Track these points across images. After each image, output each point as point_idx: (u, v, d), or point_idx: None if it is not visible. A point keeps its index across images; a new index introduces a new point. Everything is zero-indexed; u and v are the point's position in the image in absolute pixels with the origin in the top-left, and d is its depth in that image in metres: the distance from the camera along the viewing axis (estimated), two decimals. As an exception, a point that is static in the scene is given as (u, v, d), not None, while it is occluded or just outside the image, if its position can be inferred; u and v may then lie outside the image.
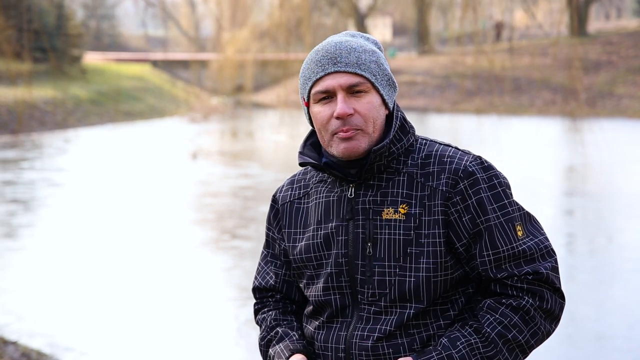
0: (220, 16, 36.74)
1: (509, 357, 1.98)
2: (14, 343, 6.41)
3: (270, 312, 2.19)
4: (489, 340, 1.97)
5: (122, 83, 31.88)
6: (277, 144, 22.24)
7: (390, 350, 1.99)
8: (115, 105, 29.13)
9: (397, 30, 49.67)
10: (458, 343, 1.96)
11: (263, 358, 2.18)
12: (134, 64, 38.32)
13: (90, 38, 41.90)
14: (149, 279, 8.60)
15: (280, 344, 2.10)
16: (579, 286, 8.15)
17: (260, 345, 2.19)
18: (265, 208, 12.20)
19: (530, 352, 2.02)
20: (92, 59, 36.73)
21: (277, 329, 2.15)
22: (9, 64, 13.18)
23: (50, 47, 23.51)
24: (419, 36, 41.17)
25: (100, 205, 12.89)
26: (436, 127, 22.89)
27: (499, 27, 38.66)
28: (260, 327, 2.22)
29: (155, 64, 39.31)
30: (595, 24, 46.49)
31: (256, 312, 2.26)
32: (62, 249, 9.88)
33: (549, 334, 2.04)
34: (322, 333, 2.06)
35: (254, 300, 2.28)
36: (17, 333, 6.77)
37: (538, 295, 2.00)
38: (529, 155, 17.94)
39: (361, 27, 39.07)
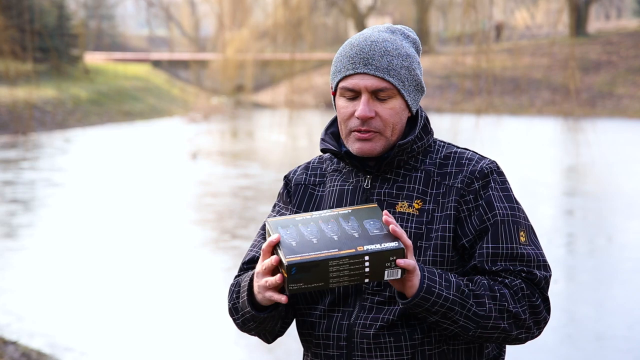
0: (221, 15, 36.72)
1: (493, 309, 1.94)
2: (14, 343, 6.41)
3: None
4: (478, 284, 1.97)
5: (122, 83, 31.85)
6: (277, 144, 22.23)
7: (392, 339, 1.99)
8: (115, 105, 29.12)
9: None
10: (450, 273, 1.97)
11: (233, 313, 2.09)
12: (134, 64, 38.29)
13: (90, 38, 41.89)
14: (149, 279, 8.60)
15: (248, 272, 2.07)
16: (579, 286, 8.15)
17: (230, 299, 2.12)
18: (265, 208, 12.21)
19: (509, 329, 1.97)
20: (92, 59, 36.71)
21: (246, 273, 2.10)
22: (9, 64, 13.17)
23: (51, 47, 23.48)
24: (419, 36, 41.15)
25: (100, 205, 12.89)
26: (436, 127, 22.87)
27: (499, 28, 38.64)
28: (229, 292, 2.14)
29: (155, 64, 39.28)
30: (595, 24, 46.44)
31: (230, 286, 2.17)
32: (62, 249, 9.88)
33: (528, 329, 2.00)
34: (324, 322, 2.06)
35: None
36: (17, 333, 6.77)
37: (529, 291, 1.99)
38: (529, 155, 17.94)
39: (361, 27, 39.06)
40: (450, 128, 20.35)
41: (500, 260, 2.00)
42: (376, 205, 1.94)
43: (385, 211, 1.89)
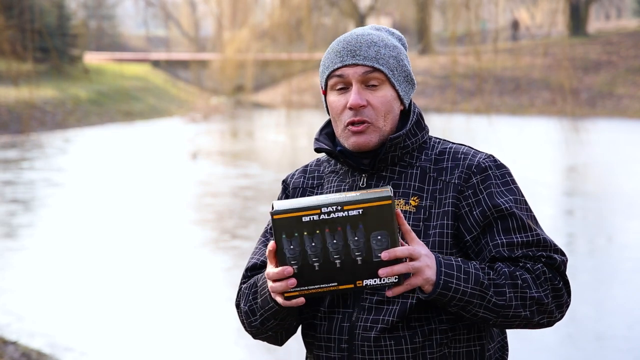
0: (221, 15, 36.72)
1: (513, 297, 1.93)
2: (14, 343, 6.41)
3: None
4: (499, 273, 1.94)
5: (122, 83, 31.86)
6: (277, 144, 22.23)
7: (392, 342, 1.98)
8: (115, 105, 29.13)
9: (397, 30, 49.65)
10: (470, 262, 1.94)
11: (250, 316, 2.11)
12: (134, 64, 38.30)
13: (90, 38, 41.89)
14: (149, 279, 8.60)
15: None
16: (579, 286, 8.14)
17: (238, 301, 2.15)
18: (265, 208, 12.20)
19: (530, 316, 1.96)
20: (92, 58, 36.71)
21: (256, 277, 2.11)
22: (10, 64, 13.18)
23: (52, 47, 23.49)
24: (419, 36, 41.18)
25: (100, 205, 12.90)
26: (436, 127, 22.89)
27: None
28: (239, 294, 2.16)
29: (155, 64, 39.29)
30: (595, 24, 46.42)
31: (239, 292, 2.19)
32: (62, 249, 9.88)
33: (550, 314, 1.99)
34: (324, 325, 2.05)
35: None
36: (17, 333, 6.77)
37: (551, 275, 1.98)
38: (529, 155, 17.94)
39: (361, 27, 38.95)
40: (451, 128, 20.35)
41: (517, 248, 1.97)
42: (389, 200, 1.80)
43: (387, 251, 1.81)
